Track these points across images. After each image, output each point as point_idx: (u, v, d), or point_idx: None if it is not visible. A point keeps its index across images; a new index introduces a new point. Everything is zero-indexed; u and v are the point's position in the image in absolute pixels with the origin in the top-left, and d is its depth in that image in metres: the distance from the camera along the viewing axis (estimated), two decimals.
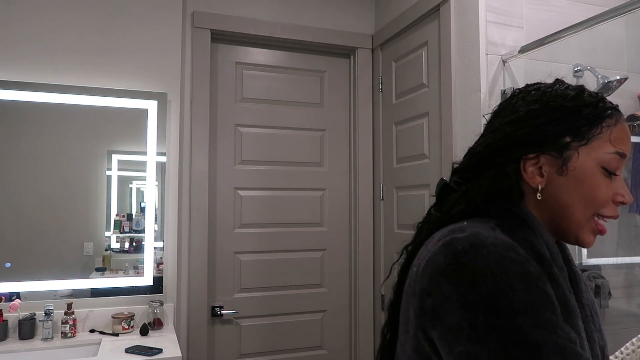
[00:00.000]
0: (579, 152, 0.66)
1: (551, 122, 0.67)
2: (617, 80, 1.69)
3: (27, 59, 2.00)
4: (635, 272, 1.90)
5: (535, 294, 0.54)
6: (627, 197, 0.66)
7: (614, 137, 0.66)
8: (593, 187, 0.65)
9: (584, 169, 0.66)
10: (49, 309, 1.85)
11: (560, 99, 0.69)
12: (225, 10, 2.32)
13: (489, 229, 0.61)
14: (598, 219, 0.67)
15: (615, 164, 0.66)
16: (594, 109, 0.67)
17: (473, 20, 1.75)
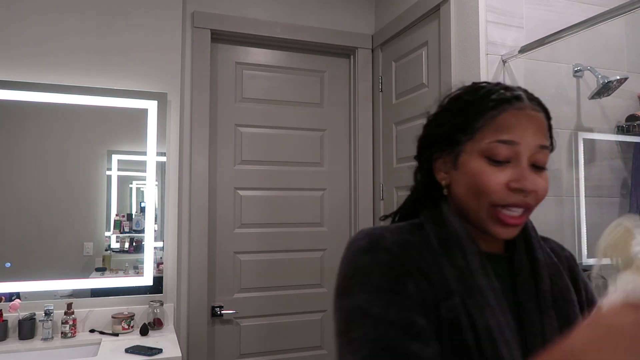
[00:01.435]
0: (467, 147, 0.69)
1: (446, 121, 0.72)
2: (617, 80, 1.69)
3: (27, 59, 2.00)
4: None
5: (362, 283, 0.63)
6: (522, 183, 0.65)
7: (497, 126, 0.66)
8: (475, 177, 0.67)
9: (469, 161, 0.68)
10: (49, 309, 1.85)
11: (457, 98, 0.73)
12: (225, 10, 2.32)
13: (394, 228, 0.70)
14: (501, 209, 0.66)
15: (502, 151, 0.66)
16: (478, 104, 0.69)
17: (473, 20, 1.75)
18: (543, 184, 0.67)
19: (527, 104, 0.68)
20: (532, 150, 0.66)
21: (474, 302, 0.63)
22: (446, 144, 0.72)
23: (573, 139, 1.82)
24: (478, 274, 0.65)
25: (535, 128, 0.67)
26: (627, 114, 1.87)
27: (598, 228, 1.84)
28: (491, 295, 0.65)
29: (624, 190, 1.87)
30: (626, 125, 1.86)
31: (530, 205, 0.67)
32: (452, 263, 0.66)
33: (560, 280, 0.73)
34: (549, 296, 0.69)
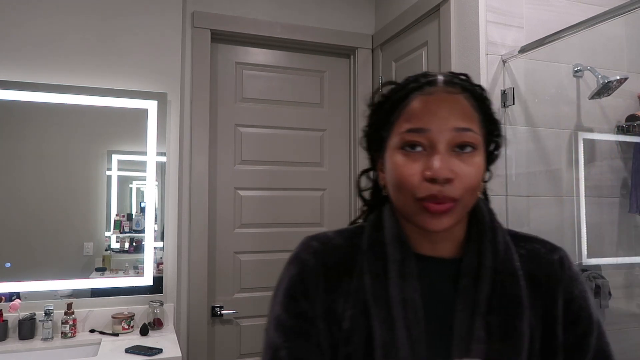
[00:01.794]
0: (388, 143, 0.66)
1: (372, 121, 0.71)
2: (617, 80, 1.69)
3: (27, 59, 2.00)
4: (635, 272, 1.90)
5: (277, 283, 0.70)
6: (433, 171, 0.59)
7: (406, 115, 0.64)
8: (394, 171, 0.63)
9: (390, 157, 0.65)
10: (49, 309, 1.85)
11: (379, 95, 0.70)
12: (225, 10, 2.32)
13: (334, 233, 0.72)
14: (424, 201, 0.61)
15: (414, 140, 0.62)
16: (393, 97, 0.67)
17: (473, 20, 1.75)
18: (466, 170, 0.61)
19: (440, 87, 0.64)
20: (448, 135, 0.61)
21: (377, 313, 0.61)
22: (378, 144, 0.70)
23: (573, 139, 1.82)
24: (392, 283, 0.63)
25: (448, 110, 0.62)
26: (627, 114, 1.87)
27: (598, 228, 1.84)
28: (399, 307, 0.61)
29: (624, 190, 1.87)
30: (626, 125, 1.86)
31: (449, 196, 0.60)
32: (370, 269, 0.65)
33: (510, 289, 0.64)
34: (484, 304, 0.62)
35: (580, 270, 1.76)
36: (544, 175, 1.77)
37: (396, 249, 0.65)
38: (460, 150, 0.62)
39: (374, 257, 0.66)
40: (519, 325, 0.62)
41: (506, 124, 1.72)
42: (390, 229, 0.67)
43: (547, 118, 1.77)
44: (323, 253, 0.69)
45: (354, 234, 0.71)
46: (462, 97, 0.64)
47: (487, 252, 0.66)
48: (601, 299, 1.70)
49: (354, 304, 0.64)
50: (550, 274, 0.68)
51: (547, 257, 0.70)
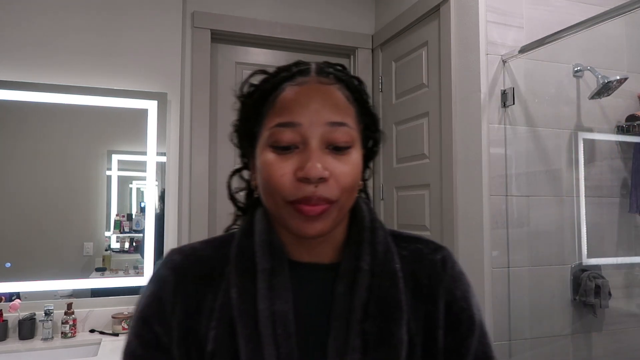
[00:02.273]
0: (259, 139, 0.59)
1: (241, 115, 0.64)
2: (617, 80, 1.69)
3: (27, 59, 2.00)
4: (635, 272, 1.90)
5: (130, 324, 0.63)
6: (306, 170, 0.53)
7: (275, 109, 0.57)
8: (264, 171, 0.57)
9: (260, 155, 0.58)
10: (49, 309, 1.85)
11: (249, 85, 0.64)
12: (225, 10, 2.32)
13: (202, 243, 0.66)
14: (296, 204, 0.55)
15: (284, 136, 0.55)
16: (263, 88, 0.60)
17: (473, 20, 1.75)
18: (342, 168, 0.56)
19: (313, 77, 0.58)
20: (322, 130, 0.55)
21: (243, 331, 0.55)
22: (248, 141, 0.63)
23: (573, 139, 1.82)
24: (261, 296, 0.57)
25: (321, 102, 0.56)
26: (627, 114, 1.87)
27: (598, 228, 1.84)
28: (267, 324, 0.55)
29: (624, 190, 1.88)
30: (626, 125, 1.86)
31: (323, 197, 0.55)
32: (236, 282, 0.58)
33: (388, 293, 0.59)
34: (359, 311, 0.58)
35: (580, 270, 1.76)
36: (544, 175, 1.77)
37: (265, 257, 0.59)
38: (335, 147, 0.56)
39: (242, 268, 0.59)
40: (397, 332, 0.57)
41: (506, 124, 1.72)
42: (260, 235, 0.61)
43: (547, 118, 1.77)
44: (184, 268, 0.61)
45: (224, 243, 0.64)
46: (336, 89, 0.58)
47: (365, 254, 0.61)
48: (601, 299, 1.70)
49: (218, 322, 0.57)
50: (431, 274, 0.64)
51: (430, 257, 0.66)
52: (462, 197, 1.80)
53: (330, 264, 0.62)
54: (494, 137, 1.70)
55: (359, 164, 0.59)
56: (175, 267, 0.62)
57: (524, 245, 1.70)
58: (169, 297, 0.60)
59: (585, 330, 1.77)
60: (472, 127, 1.75)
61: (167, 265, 0.62)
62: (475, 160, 1.72)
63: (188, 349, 0.58)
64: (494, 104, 1.71)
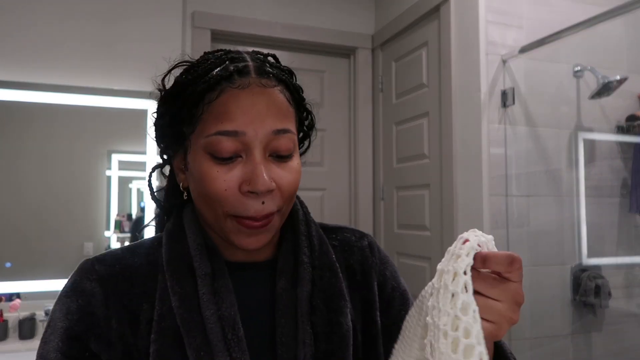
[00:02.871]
0: (191, 140, 0.55)
1: (166, 111, 0.58)
2: (617, 81, 1.69)
3: (27, 60, 2.00)
4: (635, 272, 1.90)
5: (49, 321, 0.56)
6: (253, 184, 0.51)
7: (216, 113, 0.52)
8: (201, 181, 0.53)
9: (194, 160, 0.55)
10: (49, 309, 1.85)
11: (176, 80, 0.58)
12: (225, 10, 2.32)
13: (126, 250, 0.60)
14: (240, 218, 0.53)
15: (226, 145, 0.52)
16: (195, 86, 0.54)
17: (473, 20, 1.75)
18: (288, 178, 0.54)
19: (253, 78, 0.54)
20: (266, 138, 0.53)
21: (190, 342, 0.52)
22: (174, 139, 0.58)
23: (573, 139, 1.82)
24: (205, 302, 0.54)
25: (264, 109, 0.53)
26: (627, 114, 1.87)
27: (598, 228, 1.84)
28: (217, 330, 0.53)
29: (624, 190, 1.88)
30: (626, 125, 1.86)
31: (270, 213, 0.54)
32: (176, 290, 0.54)
33: (329, 284, 0.60)
34: (305, 304, 0.57)
35: (580, 270, 1.76)
36: (544, 175, 1.77)
37: (204, 261, 0.56)
38: (277, 155, 0.54)
39: (178, 274, 0.56)
40: (344, 321, 0.58)
41: (506, 124, 1.72)
42: (193, 238, 0.58)
43: (547, 118, 1.77)
44: (112, 278, 0.56)
45: (151, 249, 0.60)
46: (277, 91, 0.55)
47: (304, 247, 0.61)
48: (601, 299, 1.70)
49: (159, 335, 0.53)
50: (363, 260, 0.66)
51: (358, 245, 0.68)
52: (462, 197, 1.80)
53: (267, 261, 0.61)
54: (494, 137, 1.70)
55: (300, 169, 0.57)
56: (101, 279, 0.56)
57: (524, 245, 1.70)
58: (101, 311, 0.54)
59: (585, 330, 1.77)
60: (472, 127, 1.75)
61: (89, 277, 0.56)
62: (475, 160, 1.72)
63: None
64: (494, 104, 1.71)
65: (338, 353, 0.57)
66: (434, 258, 1.97)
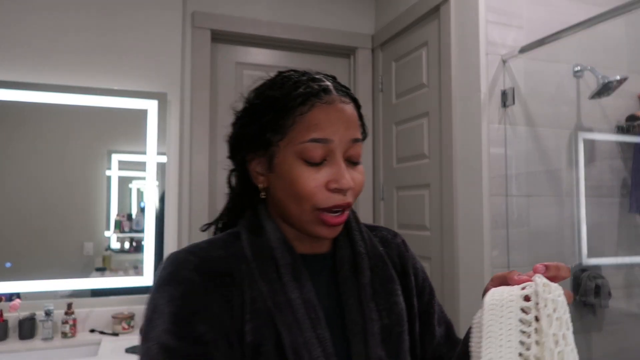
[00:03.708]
0: (279, 147, 0.64)
1: (252, 120, 0.68)
2: (617, 81, 1.69)
3: (27, 59, 2.00)
4: (635, 272, 1.90)
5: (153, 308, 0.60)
6: (340, 182, 0.62)
7: (306, 124, 0.63)
8: (293, 181, 0.63)
9: (284, 163, 0.64)
10: (49, 309, 1.85)
11: (262, 93, 0.69)
12: (225, 10, 2.32)
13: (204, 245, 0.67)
14: (324, 212, 0.63)
15: (317, 151, 0.62)
16: (285, 100, 0.64)
17: (473, 20, 1.75)
18: (359, 179, 0.66)
19: (335, 95, 0.65)
20: (346, 146, 0.64)
21: (282, 320, 0.61)
22: (258, 144, 0.67)
23: (573, 139, 1.82)
24: (289, 287, 0.63)
25: (346, 122, 0.65)
26: (627, 114, 1.87)
27: (598, 228, 1.84)
28: (302, 310, 0.62)
29: (624, 190, 1.88)
30: (626, 125, 1.86)
31: (350, 203, 0.65)
32: (263, 277, 0.63)
33: (383, 270, 0.72)
34: (368, 289, 0.69)
35: (580, 270, 1.76)
36: (544, 175, 1.77)
37: (285, 252, 0.66)
38: (352, 159, 0.66)
39: (264, 264, 0.64)
40: (399, 301, 0.71)
41: (506, 124, 1.72)
42: (273, 233, 0.67)
43: (547, 118, 1.77)
44: (205, 267, 0.63)
45: (228, 243, 0.68)
46: (352, 107, 0.67)
47: (359, 240, 0.72)
48: (601, 299, 1.70)
49: (253, 315, 0.61)
50: (400, 254, 0.78)
51: (394, 241, 0.80)
52: (462, 197, 1.80)
53: (326, 253, 0.72)
54: (494, 137, 1.70)
55: (364, 170, 0.68)
56: (197, 268, 0.62)
57: (524, 245, 1.70)
58: (202, 296, 0.61)
59: (585, 330, 1.77)
60: (472, 127, 1.75)
61: (186, 267, 0.62)
62: (475, 160, 1.72)
63: (228, 342, 0.60)
64: (494, 104, 1.71)
65: (397, 327, 0.69)
66: (434, 258, 1.97)
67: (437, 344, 0.76)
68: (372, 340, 0.65)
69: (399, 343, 0.69)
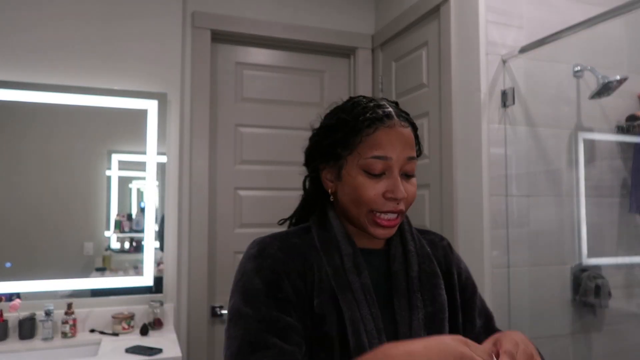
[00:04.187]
0: (347, 160, 0.79)
1: (327, 136, 0.82)
2: (617, 81, 1.69)
3: (27, 59, 2.00)
4: (635, 272, 1.90)
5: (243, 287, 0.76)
6: (395, 193, 0.76)
7: (370, 144, 0.76)
8: (357, 189, 0.77)
9: (350, 174, 0.78)
10: (49, 309, 1.85)
11: (335, 115, 0.82)
12: (225, 10, 2.32)
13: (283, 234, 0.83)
14: (377, 214, 0.77)
15: (378, 166, 0.76)
16: (355, 122, 0.78)
17: (473, 20, 1.75)
18: (412, 190, 0.79)
19: (396, 120, 0.78)
20: (402, 162, 0.77)
21: (343, 298, 0.74)
22: (330, 157, 0.81)
23: (573, 139, 1.82)
24: (350, 273, 0.77)
25: (403, 143, 0.77)
26: (627, 114, 1.87)
27: (598, 228, 1.84)
28: (360, 292, 0.76)
29: (624, 190, 1.88)
30: (626, 125, 1.86)
31: (402, 210, 0.78)
32: (329, 263, 0.77)
33: (429, 266, 0.84)
34: (416, 281, 0.81)
35: (580, 270, 1.76)
36: (544, 175, 1.77)
37: (347, 245, 0.80)
38: (407, 174, 0.79)
39: (330, 252, 0.79)
40: (441, 294, 0.82)
41: (506, 124, 1.72)
42: (339, 229, 0.81)
43: (547, 118, 1.77)
44: (285, 249, 0.78)
45: (302, 234, 0.83)
46: (410, 131, 0.80)
47: (410, 240, 0.85)
48: (601, 299, 1.70)
49: (320, 292, 0.75)
50: (445, 255, 0.91)
51: (440, 244, 0.93)
52: (462, 197, 1.80)
53: (382, 249, 0.85)
54: (494, 137, 1.70)
55: (416, 184, 0.82)
56: (280, 248, 0.78)
57: (524, 245, 1.70)
58: (284, 267, 0.76)
59: (585, 330, 1.77)
60: (472, 127, 1.75)
61: (272, 247, 0.78)
62: (475, 160, 1.72)
63: (303, 309, 0.74)
64: (494, 104, 1.71)
65: (439, 314, 0.81)
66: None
67: (478, 332, 0.87)
68: (416, 324, 0.78)
69: (440, 328, 0.80)
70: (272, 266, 0.76)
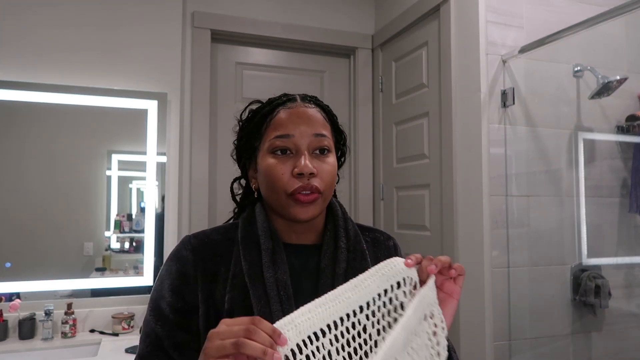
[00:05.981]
0: (259, 149, 0.80)
1: (243, 133, 0.85)
2: (617, 80, 1.69)
3: (27, 59, 2.00)
4: (635, 272, 1.90)
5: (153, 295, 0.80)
6: (300, 168, 0.74)
7: (273, 126, 0.78)
8: (267, 173, 0.77)
9: (261, 161, 0.79)
10: (49, 309, 1.85)
11: (249, 111, 0.86)
12: (225, 10, 2.32)
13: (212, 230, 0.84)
14: (295, 195, 0.75)
15: (280, 144, 0.76)
16: (261, 112, 0.81)
17: (473, 20, 1.75)
18: (325, 167, 0.77)
19: (299, 102, 0.80)
20: (309, 139, 0.77)
21: (255, 293, 0.74)
22: (249, 152, 0.84)
23: (573, 139, 1.82)
24: (266, 268, 0.76)
25: (307, 120, 0.78)
26: (627, 114, 1.87)
27: (598, 228, 1.84)
28: (273, 287, 0.74)
29: (624, 190, 1.88)
30: (626, 125, 1.86)
31: (316, 187, 0.75)
32: (246, 257, 0.77)
33: (359, 264, 0.81)
34: (342, 278, 0.77)
35: (580, 270, 1.76)
36: (544, 175, 1.77)
37: (267, 240, 0.78)
38: (319, 152, 0.78)
39: (249, 247, 0.78)
40: None
41: (506, 124, 1.72)
42: (261, 223, 0.80)
43: (547, 118, 1.77)
44: (200, 248, 0.79)
45: (229, 230, 0.83)
46: (316, 110, 0.81)
47: (342, 236, 0.83)
48: (601, 299, 1.70)
49: (232, 287, 0.75)
50: (388, 255, 0.84)
51: (386, 243, 0.90)
52: (462, 197, 1.80)
53: (313, 245, 0.83)
54: (494, 137, 1.70)
55: (335, 165, 0.81)
56: (194, 249, 0.79)
57: (524, 245, 1.70)
58: (191, 271, 0.77)
59: (585, 330, 1.77)
60: (472, 127, 1.75)
61: (186, 248, 0.80)
62: (475, 160, 1.72)
63: (208, 308, 0.75)
64: (494, 104, 1.71)
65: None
66: None
67: None
68: None
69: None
70: (181, 270, 0.78)
